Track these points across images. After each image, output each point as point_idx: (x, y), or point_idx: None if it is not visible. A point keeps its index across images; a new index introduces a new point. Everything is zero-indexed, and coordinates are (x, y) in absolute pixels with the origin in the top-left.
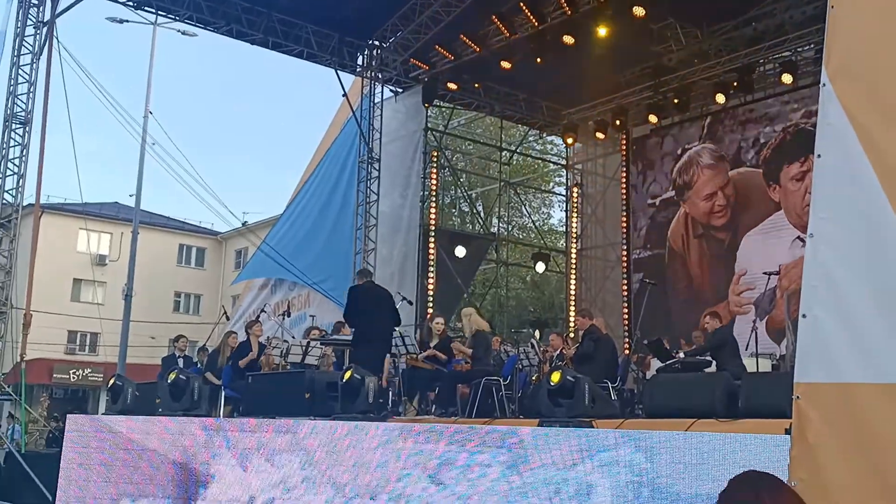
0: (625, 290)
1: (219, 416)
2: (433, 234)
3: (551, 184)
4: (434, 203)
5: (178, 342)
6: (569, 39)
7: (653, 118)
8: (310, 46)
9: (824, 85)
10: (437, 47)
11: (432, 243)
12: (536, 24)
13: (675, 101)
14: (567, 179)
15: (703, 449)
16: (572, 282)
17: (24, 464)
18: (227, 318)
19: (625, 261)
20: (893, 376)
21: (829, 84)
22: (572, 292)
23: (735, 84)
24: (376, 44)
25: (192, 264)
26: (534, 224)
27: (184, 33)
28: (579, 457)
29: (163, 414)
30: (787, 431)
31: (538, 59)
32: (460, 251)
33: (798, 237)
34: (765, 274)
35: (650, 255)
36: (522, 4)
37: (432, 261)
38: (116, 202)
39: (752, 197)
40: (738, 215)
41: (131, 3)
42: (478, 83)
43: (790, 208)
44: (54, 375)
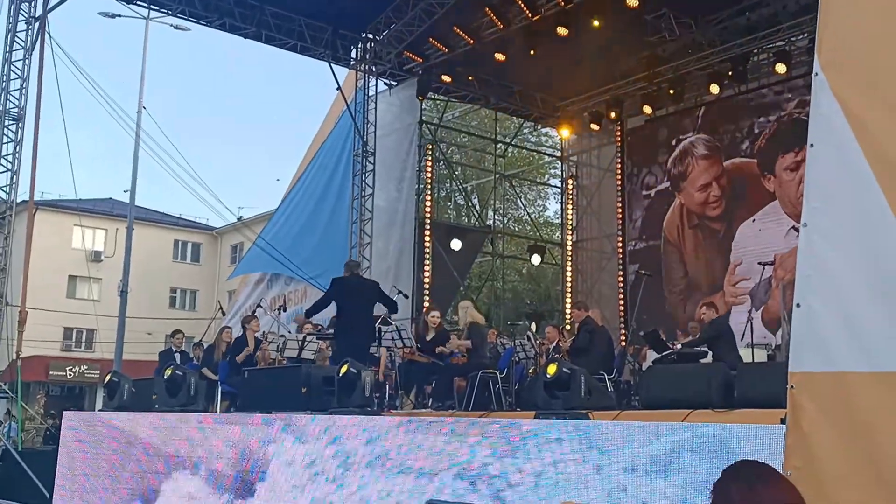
0: (620, 281)
1: (216, 412)
2: (429, 227)
3: (546, 176)
4: (429, 196)
5: (175, 337)
6: (563, 31)
7: (647, 109)
8: (303, 40)
9: (816, 74)
10: (430, 40)
11: (428, 236)
12: (530, 15)
13: (670, 91)
14: (562, 171)
15: (699, 439)
16: (568, 274)
17: (21, 461)
18: (223, 314)
19: (620, 252)
20: (888, 365)
21: (822, 73)
22: (568, 284)
23: (730, 74)
24: (370, 37)
25: (187, 260)
26: (529, 216)
27: (176, 28)
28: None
29: (159, 410)
30: (783, 421)
31: (532, 52)
32: (456, 244)
33: (793, 227)
34: (760, 264)
35: (645, 247)
36: None
37: (428, 254)
38: (111, 198)
39: (746, 187)
40: (733, 206)
41: None
42: (472, 76)
43: (785, 198)
44: (51, 372)
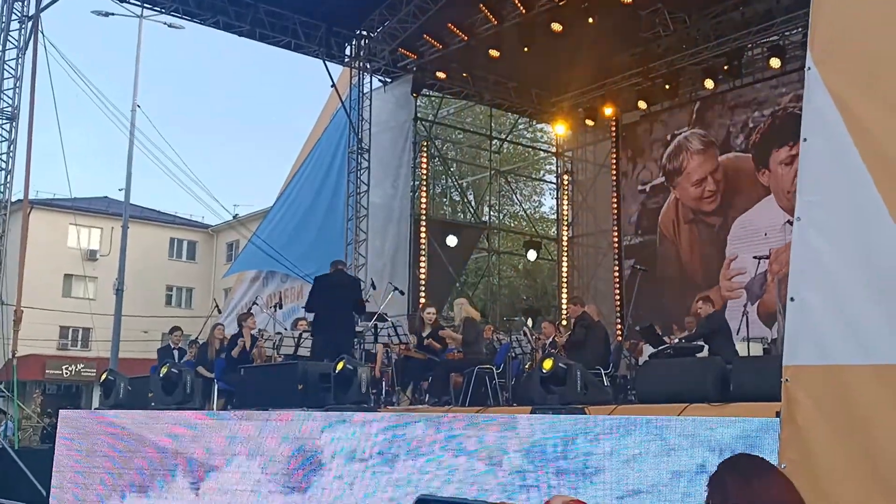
0: (616, 276)
1: (212, 410)
2: (424, 223)
3: (542, 171)
4: (425, 193)
5: (174, 334)
6: (557, 27)
7: (642, 104)
8: (297, 37)
9: (809, 68)
10: (425, 36)
11: (423, 233)
12: (524, 11)
13: (665, 86)
14: (557, 167)
15: (695, 433)
16: (564, 269)
17: (17, 460)
18: (219, 311)
19: (616, 247)
20: (881, 357)
21: (814, 67)
22: (564, 280)
23: (726, 68)
24: (364, 34)
25: (183, 258)
26: (525, 212)
27: (170, 26)
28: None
29: (156, 408)
30: (778, 414)
31: (525, 49)
32: (452, 240)
33: (788, 221)
34: (755, 258)
35: (641, 242)
36: None
37: (424, 250)
38: (106, 197)
39: (741, 182)
40: (728, 200)
41: None
42: (466, 72)
43: (780, 192)
44: (47, 371)
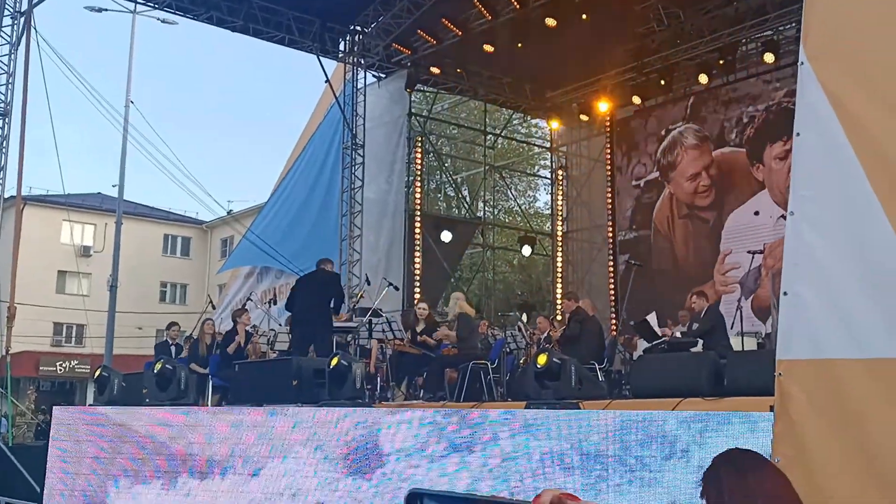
0: (611, 271)
1: (207, 405)
2: (419, 219)
3: (536, 167)
4: (419, 188)
5: (171, 330)
6: (551, 22)
7: (636, 99)
8: (291, 33)
9: (802, 63)
10: (419, 32)
11: (418, 228)
12: (518, 6)
13: (660, 81)
14: (552, 162)
15: (689, 427)
16: (559, 264)
17: (11, 457)
18: (213, 308)
19: (610, 242)
20: (875, 351)
21: (807, 62)
22: (559, 275)
23: (721, 63)
24: (358, 29)
25: (177, 254)
26: (519, 207)
27: (164, 21)
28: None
29: (150, 404)
30: (772, 409)
31: (519, 44)
32: (446, 236)
33: (782, 216)
34: (749, 253)
35: (636, 237)
36: None
37: (418, 246)
38: (100, 193)
39: (736, 177)
40: (722, 195)
41: None
42: (460, 67)
43: (774, 187)
44: (41, 368)
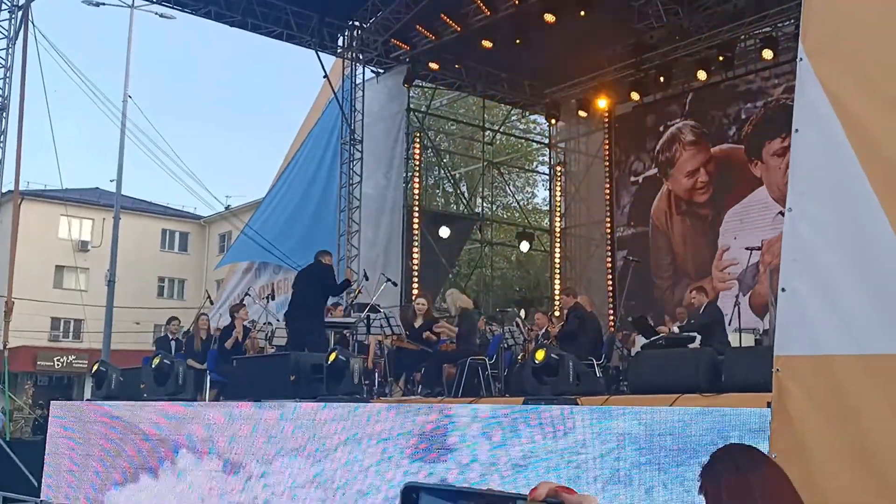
0: (609, 267)
1: (204, 400)
2: (417, 214)
3: (535, 163)
4: (417, 184)
5: (171, 324)
6: (550, 17)
7: (635, 95)
8: (289, 28)
9: (801, 59)
10: (417, 27)
11: (416, 224)
12: (517, 2)
13: (659, 78)
14: (550, 158)
15: (687, 423)
16: (557, 260)
17: (9, 451)
18: (211, 303)
19: (609, 238)
20: (872, 347)
21: (806, 59)
22: (557, 271)
23: (721, 59)
24: (357, 24)
25: (175, 249)
26: (518, 203)
27: (161, 16)
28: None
29: (148, 399)
30: (770, 405)
31: (517, 41)
32: (444, 231)
33: (780, 212)
34: (747, 249)
35: (634, 233)
36: None
37: (416, 242)
38: (97, 188)
39: (734, 173)
40: (720, 192)
41: None
42: (459, 63)
43: (772, 184)
44: (38, 363)
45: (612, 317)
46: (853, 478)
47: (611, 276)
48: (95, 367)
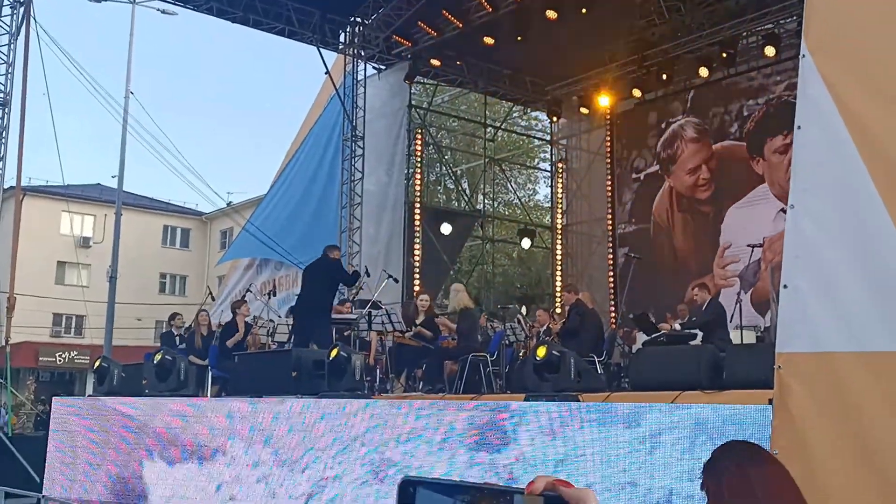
0: (610, 264)
1: (206, 396)
2: (418, 211)
3: (536, 160)
4: (419, 180)
5: (175, 320)
6: (552, 14)
7: (636, 92)
8: (291, 24)
9: (804, 56)
10: (419, 23)
11: (418, 220)
12: None
13: (661, 75)
14: (552, 155)
15: (689, 420)
16: (558, 257)
17: (11, 446)
18: (213, 299)
19: (610, 235)
20: (873, 345)
21: (809, 55)
22: (558, 268)
23: (724, 56)
24: (358, 20)
25: (177, 245)
26: (519, 200)
27: (163, 12)
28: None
29: (150, 395)
30: (771, 402)
31: (519, 38)
32: (446, 228)
33: (782, 209)
34: (749, 246)
35: (635, 230)
36: None
37: (418, 238)
38: (99, 184)
39: (735, 170)
40: (722, 189)
41: None
42: (461, 59)
43: (774, 181)
44: (40, 358)
45: (613, 314)
46: (854, 475)
47: (612, 273)
48: (97, 363)
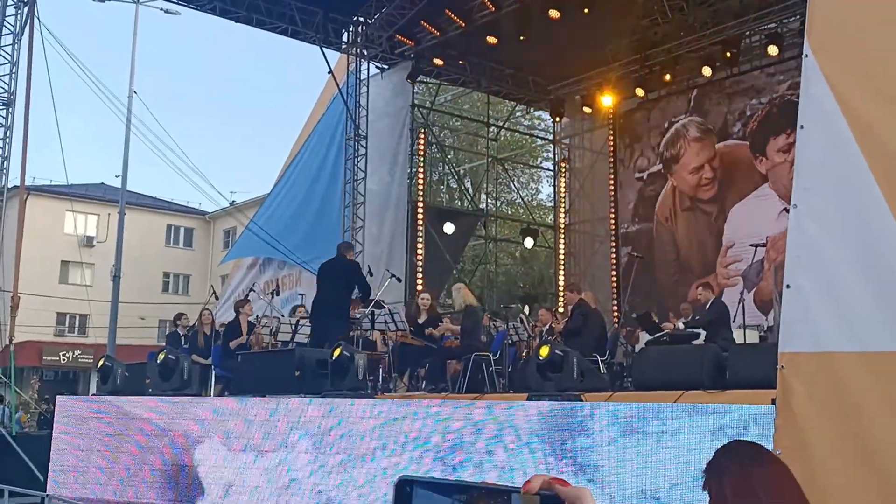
0: (613, 263)
1: (209, 396)
2: (421, 210)
3: (539, 159)
4: (422, 179)
5: (181, 320)
6: (554, 13)
7: (639, 92)
8: (294, 23)
9: (807, 56)
10: (422, 23)
11: (421, 220)
12: None
13: (664, 75)
14: (554, 154)
15: (691, 420)
16: (561, 256)
17: (15, 445)
18: (216, 298)
19: (613, 235)
20: (874, 345)
21: (812, 55)
22: (561, 267)
23: (728, 55)
24: (361, 20)
25: (180, 244)
26: (522, 199)
27: (167, 11)
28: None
29: (153, 394)
30: (774, 402)
31: (521, 38)
32: (449, 227)
33: (785, 209)
34: (752, 246)
35: (638, 229)
36: None
37: (421, 237)
38: (103, 183)
39: (738, 169)
40: (725, 188)
41: None
42: (464, 59)
43: (777, 180)
44: (44, 358)
45: (616, 313)
46: (854, 475)
47: (615, 273)
48: (101, 362)
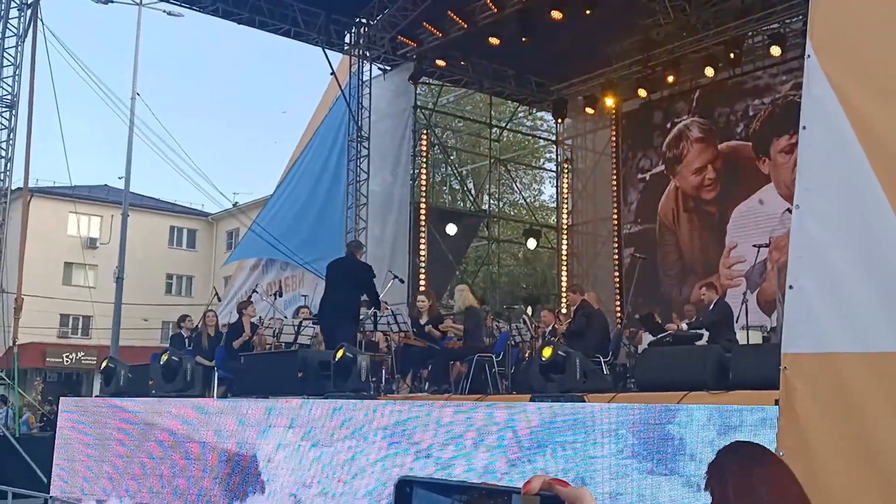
0: (616, 264)
1: (213, 397)
2: (424, 211)
3: (541, 160)
4: (425, 181)
5: (185, 321)
6: (557, 14)
7: (642, 92)
8: (296, 25)
9: (809, 56)
10: (424, 24)
11: (423, 221)
12: None
13: (667, 76)
14: (557, 155)
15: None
16: (563, 257)
17: (18, 447)
18: (219, 300)
19: (616, 235)
20: (876, 345)
21: (814, 55)
22: (564, 268)
23: (731, 56)
24: (363, 21)
25: (183, 246)
26: (524, 200)
27: (169, 13)
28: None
29: (156, 395)
30: (777, 402)
31: (524, 39)
32: (451, 229)
33: (788, 209)
34: (755, 246)
35: (641, 230)
36: None
37: (423, 239)
38: (106, 185)
39: (741, 170)
40: (727, 189)
41: None
42: (466, 60)
43: (780, 181)
44: (47, 359)
45: (619, 314)
46: (857, 475)
47: (618, 273)
48: (104, 364)
